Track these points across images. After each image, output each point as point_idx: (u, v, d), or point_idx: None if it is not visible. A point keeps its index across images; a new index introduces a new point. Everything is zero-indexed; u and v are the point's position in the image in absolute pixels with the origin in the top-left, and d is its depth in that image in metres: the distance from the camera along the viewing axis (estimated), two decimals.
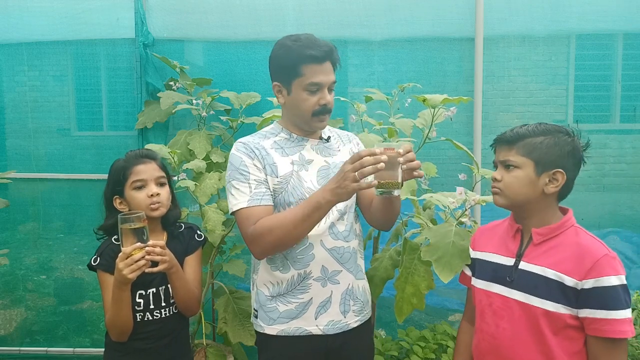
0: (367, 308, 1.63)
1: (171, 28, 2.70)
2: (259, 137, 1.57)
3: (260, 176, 1.48)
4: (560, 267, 1.23)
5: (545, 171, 1.28)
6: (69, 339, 2.84)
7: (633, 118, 2.72)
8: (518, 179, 1.29)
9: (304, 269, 1.50)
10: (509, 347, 1.31)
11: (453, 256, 1.52)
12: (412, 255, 1.77)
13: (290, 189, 1.49)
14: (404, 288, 1.76)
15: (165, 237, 1.66)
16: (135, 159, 1.60)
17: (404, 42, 2.69)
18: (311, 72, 1.44)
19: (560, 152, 1.27)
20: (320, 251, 1.50)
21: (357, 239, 1.61)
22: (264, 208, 1.45)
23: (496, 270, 1.37)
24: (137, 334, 1.57)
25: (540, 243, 1.30)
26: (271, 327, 1.53)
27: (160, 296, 1.61)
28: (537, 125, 1.30)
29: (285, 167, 1.51)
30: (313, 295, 1.51)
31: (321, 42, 1.45)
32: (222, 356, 2.23)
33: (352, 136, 1.71)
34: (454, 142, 2.01)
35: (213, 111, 2.54)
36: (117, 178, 1.58)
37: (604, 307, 1.17)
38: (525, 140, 1.29)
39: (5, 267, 2.77)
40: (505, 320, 1.32)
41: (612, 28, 2.65)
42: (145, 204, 1.56)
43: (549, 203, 1.31)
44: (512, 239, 1.36)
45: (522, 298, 1.29)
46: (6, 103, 2.80)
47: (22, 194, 2.82)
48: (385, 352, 2.50)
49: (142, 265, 1.39)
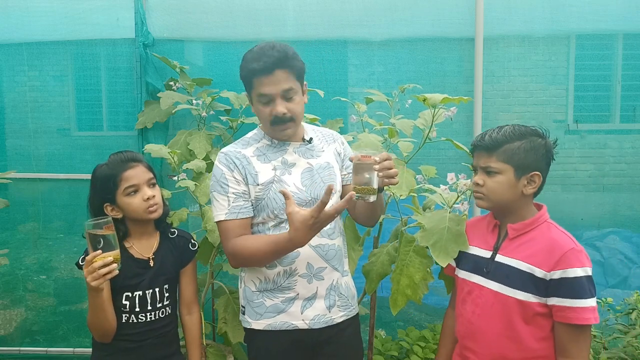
0: (353, 303, 1.66)
1: (171, 28, 2.70)
2: (242, 145, 1.60)
3: (238, 189, 1.53)
4: (532, 260, 1.35)
5: (524, 175, 1.39)
6: (69, 339, 2.83)
7: (633, 118, 2.72)
8: (500, 184, 1.40)
9: (289, 265, 1.53)
10: (483, 332, 1.42)
11: (449, 241, 1.57)
12: (408, 247, 1.80)
13: (272, 195, 1.52)
14: (399, 280, 1.78)
15: (158, 238, 1.67)
16: (122, 165, 1.56)
17: (404, 42, 2.69)
18: (259, 83, 1.47)
19: (536, 156, 1.38)
20: (305, 249, 1.52)
21: (342, 236, 1.65)
22: (240, 222, 1.52)
23: (476, 262, 1.49)
24: (121, 335, 1.56)
25: (515, 237, 1.41)
26: (258, 322, 1.57)
27: (147, 299, 1.60)
28: (513, 129, 1.40)
29: (267, 174, 1.54)
30: (299, 291, 1.54)
31: (270, 51, 1.44)
32: (222, 356, 2.23)
33: (336, 135, 1.72)
34: (454, 142, 2.01)
35: (213, 111, 2.54)
36: (105, 187, 1.55)
37: (570, 296, 1.28)
38: (504, 147, 1.39)
39: (5, 267, 2.77)
40: (480, 307, 1.43)
41: (612, 28, 2.65)
42: (142, 208, 1.56)
43: (526, 202, 1.43)
44: (491, 233, 1.49)
45: (496, 288, 1.40)
46: (6, 103, 2.80)
47: (22, 194, 2.82)
48: (385, 352, 2.50)
49: (105, 274, 1.33)
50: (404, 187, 1.96)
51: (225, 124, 2.53)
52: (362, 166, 1.30)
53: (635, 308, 2.29)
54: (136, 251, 1.61)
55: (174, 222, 2.16)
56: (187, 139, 2.40)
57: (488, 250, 1.47)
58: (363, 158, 1.31)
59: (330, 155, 1.64)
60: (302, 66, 1.51)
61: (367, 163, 1.30)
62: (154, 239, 1.66)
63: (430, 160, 2.22)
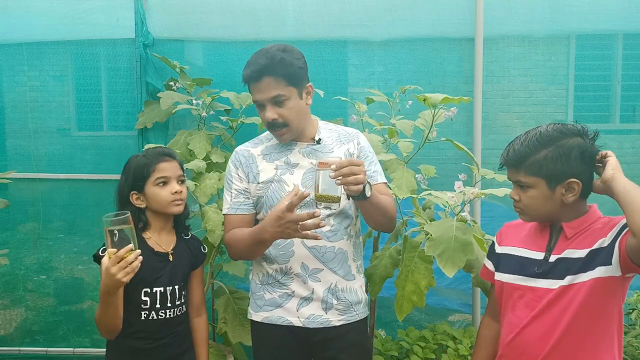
0: (358, 309, 1.62)
1: (171, 28, 2.70)
2: (253, 143, 1.68)
3: (240, 186, 1.61)
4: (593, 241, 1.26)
5: (558, 184, 1.27)
6: (69, 339, 2.83)
7: (633, 118, 2.72)
8: (534, 198, 1.30)
9: (285, 264, 1.56)
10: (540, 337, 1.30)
11: (456, 250, 1.53)
12: (412, 253, 1.78)
13: (270, 193, 1.57)
14: (404, 286, 1.76)
15: (175, 236, 1.69)
16: (158, 157, 1.62)
17: (404, 42, 2.69)
18: (252, 90, 1.53)
19: (568, 161, 1.25)
20: (300, 249, 1.54)
21: (349, 240, 1.61)
22: (239, 217, 1.60)
23: (522, 264, 1.37)
24: (139, 332, 1.56)
25: (572, 237, 1.30)
26: (257, 313, 1.62)
27: (167, 296, 1.61)
28: (538, 136, 1.27)
29: (268, 173, 1.59)
30: (294, 289, 1.56)
31: (260, 59, 1.47)
32: (222, 356, 2.23)
33: (354, 136, 1.67)
34: (454, 142, 2.02)
35: (213, 111, 2.54)
36: (139, 174, 1.59)
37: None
38: (529, 160, 1.27)
39: (5, 267, 2.77)
40: (536, 310, 1.31)
41: (612, 28, 2.64)
42: (167, 200, 1.59)
43: (573, 205, 1.30)
44: (540, 233, 1.37)
45: (554, 285, 1.28)
46: (6, 103, 2.79)
47: (22, 194, 2.82)
48: (385, 352, 2.50)
49: (135, 267, 1.35)
50: (404, 188, 1.96)
51: (225, 124, 2.53)
52: (320, 173, 1.32)
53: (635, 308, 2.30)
54: (156, 244, 1.62)
55: None
56: (187, 139, 2.40)
57: (539, 252, 1.35)
58: (320, 165, 1.31)
59: (339, 155, 1.61)
60: (294, 70, 1.49)
61: (324, 170, 1.31)
62: (172, 236, 1.68)
63: (431, 161, 2.22)
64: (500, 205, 2.70)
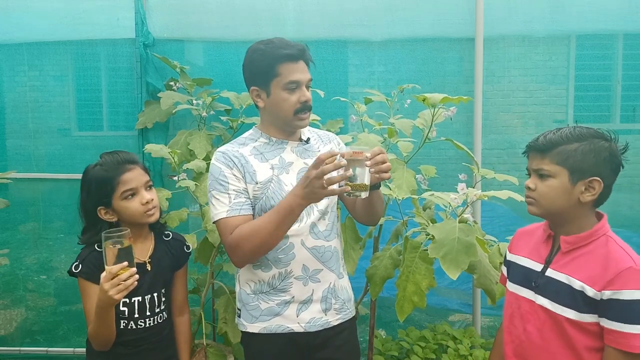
0: (350, 306, 1.65)
1: (171, 28, 2.70)
2: (238, 144, 1.58)
3: (239, 186, 1.50)
4: (584, 277, 1.21)
5: (580, 179, 1.23)
6: (69, 339, 2.83)
7: (633, 118, 2.72)
8: (552, 188, 1.26)
9: (285, 267, 1.52)
10: (536, 350, 1.30)
11: (459, 252, 1.53)
12: (414, 253, 1.78)
13: (270, 194, 1.51)
14: (405, 286, 1.76)
15: (153, 240, 1.64)
16: (118, 167, 1.50)
17: (404, 42, 2.69)
18: (288, 70, 1.47)
19: (597, 159, 1.22)
20: (301, 250, 1.52)
21: (338, 238, 1.64)
22: (242, 218, 1.48)
23: (526, 274, 1.36)
24: (119, 341, 1.52)
25: (568, 251, 1.27)
26: (253, 324, 1.56)
27: (146, 305, 1.57)
28: (572, 130, 1.25)
29: (265, 173, 1.52)
30: (294, 294, 1.53)
31: (292, 42, 1.49)
32: (222, 356, 2.23)
33: (332, 136, 1.72)
34: (454, 142, 2.02)
35: (213, 111, 2.54)
36: (101, 190, 1.49)
37: (622, 320, 1.15)
38: (558, 148, 1.25)
39: (6, 267, 2.77)
40: (531, 324, 1.31)
41: (612, 28, 2.64)
42: (139, 212, 1.51)
43: (585, 211, 1.27)
44: (544, 244, 1.35)
45: (546, 304, 1.27)
46: (6, 103, 2.79)
47: (22, 194, 2.82)
48: (385, 352, 2.50)
49: (130, 285, 1.33)
50: (404, 188, 1.96)
51: (225, 124, 2.53)
52: (354, 162, 1.30)
53: None
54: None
55: (174, 222, 2.16)
56: (187, 139, 2.40)
57: (539, 263, 1.33)
58: (355, 154, 1.30)
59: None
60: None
61: (359, 159, 1.30)
62: (149, 242, 1.63)
63: (430, 160, 2.22)
64: (501, 206, 2.70)
